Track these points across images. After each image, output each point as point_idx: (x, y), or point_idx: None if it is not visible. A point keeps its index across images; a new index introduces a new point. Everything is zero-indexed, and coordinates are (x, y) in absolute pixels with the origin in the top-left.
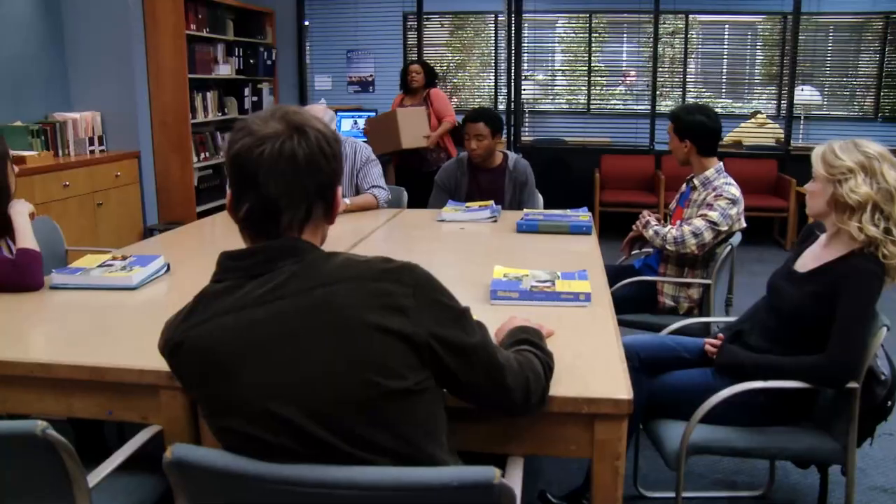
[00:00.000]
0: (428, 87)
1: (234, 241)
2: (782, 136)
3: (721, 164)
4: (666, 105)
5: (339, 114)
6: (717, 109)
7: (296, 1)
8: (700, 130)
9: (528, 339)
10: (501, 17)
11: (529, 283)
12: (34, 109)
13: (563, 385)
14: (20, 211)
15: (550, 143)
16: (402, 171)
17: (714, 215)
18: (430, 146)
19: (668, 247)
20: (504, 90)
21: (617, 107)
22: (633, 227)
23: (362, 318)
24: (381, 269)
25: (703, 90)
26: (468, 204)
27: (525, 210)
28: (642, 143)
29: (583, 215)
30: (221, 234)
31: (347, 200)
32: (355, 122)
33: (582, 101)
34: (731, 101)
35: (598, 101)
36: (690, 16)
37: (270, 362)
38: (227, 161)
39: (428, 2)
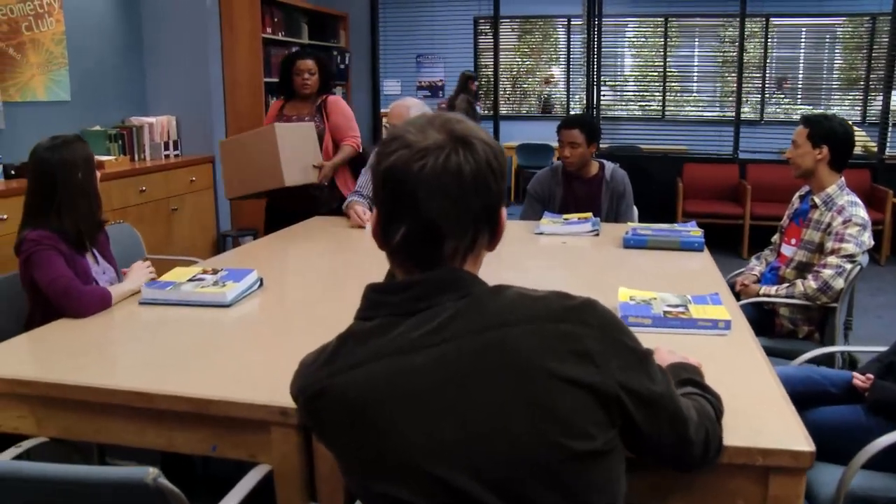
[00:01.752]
0: (322, 93)
1: (326, 252)
2: (872, 144)
3: (843, 178)
4: (744, 112)
5: None
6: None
7: (369, 4)
8: (842, 138)
9: (692, 380)
10: (574, 22)
11: (661, 308)
12: (112, 114)
13: (731, 431)
14: (135, 280)
15: (627, 150)
16: (276, 214)
17: (850, 247)
18: (321, 181)
19: (816, 302)
20: (576, 95)
21: (692, 113)
22: (741, 289)
23: (544, 367)
24: (561, 307)
25: (782, 96)
26: (566, 216)
27: (630, 224)
28: (725, 152)
29: (693, 230)
30: (308, 245)
31: None
32: None
33: (655, 107)
34: (810, 106)
35: (672, 108)
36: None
37: (431, 415)
38: (376, 177)
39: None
